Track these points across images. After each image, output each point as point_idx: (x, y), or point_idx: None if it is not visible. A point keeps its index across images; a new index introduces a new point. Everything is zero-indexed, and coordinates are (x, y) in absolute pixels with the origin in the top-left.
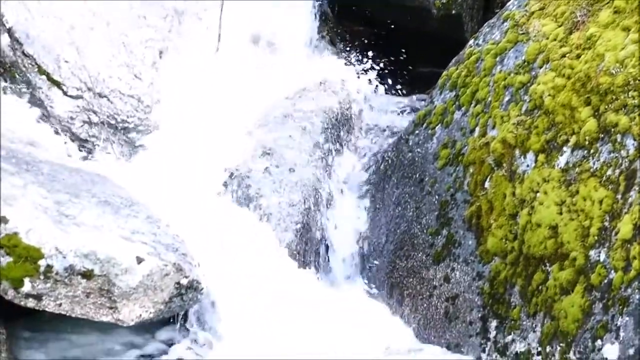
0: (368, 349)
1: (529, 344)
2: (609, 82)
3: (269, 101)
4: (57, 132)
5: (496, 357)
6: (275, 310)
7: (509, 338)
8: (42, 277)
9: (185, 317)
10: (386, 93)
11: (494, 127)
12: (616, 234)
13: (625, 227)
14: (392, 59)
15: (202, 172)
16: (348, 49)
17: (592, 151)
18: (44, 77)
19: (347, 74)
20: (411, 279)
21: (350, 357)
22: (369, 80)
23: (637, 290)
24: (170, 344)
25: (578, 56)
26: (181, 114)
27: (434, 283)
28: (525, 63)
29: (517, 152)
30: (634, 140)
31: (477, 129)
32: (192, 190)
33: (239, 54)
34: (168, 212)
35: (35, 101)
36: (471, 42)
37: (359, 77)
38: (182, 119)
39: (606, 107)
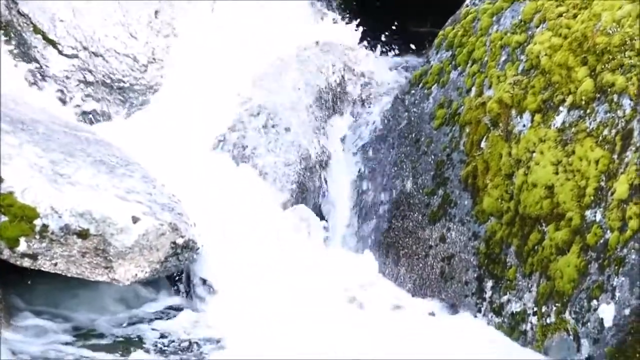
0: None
1: (524, 304)
2: (605, 42)
3: (266, 61)
4: (52, 91)
5: (492, 317)
6: (269, 271)
7: (505, 298)
8: (37, 236)
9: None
10: (382, 53)
11: (490, 87)
12: (612, 194)
13: (621, 187)
14: (388, 18)
15: (198, 131)
16: (344, 9)
17: (588, 111)
18: (39, 36)
19: (343, 35)
20: (407, 239)
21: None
22: (366, 40)
23: (633, 251)
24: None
25: (575, 16)
26: (177, 73)
27: (430, 243)
28: (522, 22)
29: (513, 112)
30: (631, 100)
31: (474, 88)
32: (188, 150)
33: (234, 14)
34: (164, 171)
35: (30, 60)
36: (468, 1)
37: (355, 38)
38: (177, 79)
39: (603, 67)
